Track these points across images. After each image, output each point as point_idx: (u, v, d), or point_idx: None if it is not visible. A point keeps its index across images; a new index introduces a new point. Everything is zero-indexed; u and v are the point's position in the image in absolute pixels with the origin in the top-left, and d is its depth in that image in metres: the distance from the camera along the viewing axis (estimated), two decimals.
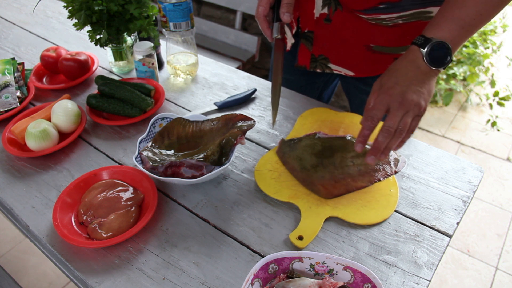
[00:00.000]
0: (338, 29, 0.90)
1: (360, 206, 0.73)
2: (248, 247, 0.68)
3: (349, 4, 0.84)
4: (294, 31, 0.97)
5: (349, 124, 0.89)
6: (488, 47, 2.84)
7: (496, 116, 2.50)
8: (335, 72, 1.00)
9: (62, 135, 0.89)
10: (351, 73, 0.98)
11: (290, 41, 0.99)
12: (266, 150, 0.86)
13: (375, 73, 0.95)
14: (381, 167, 0.79)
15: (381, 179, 0.77)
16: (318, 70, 1.01)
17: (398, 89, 0.69)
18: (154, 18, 1.02)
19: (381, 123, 0.71)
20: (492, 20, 3.23)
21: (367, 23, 0.86)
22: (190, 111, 0.97)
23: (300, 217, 0.72)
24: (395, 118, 0.68)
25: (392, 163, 0.80)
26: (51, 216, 0.73)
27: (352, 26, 0.88)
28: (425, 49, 0.69)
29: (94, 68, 1.07)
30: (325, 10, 0.88)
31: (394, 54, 0.91)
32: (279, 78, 0.82)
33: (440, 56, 0.69)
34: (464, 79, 2.69)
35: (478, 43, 2.76)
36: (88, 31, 0.98)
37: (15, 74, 1.02)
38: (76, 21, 0.96)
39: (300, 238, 0.68)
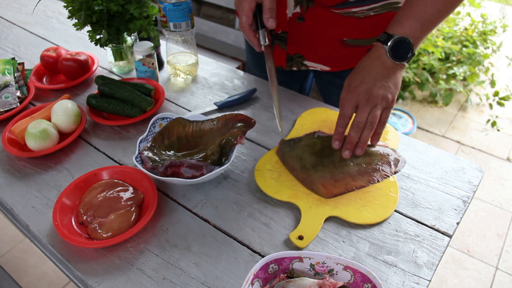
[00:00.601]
0: (311, 27, 0.91)
1: (360, 206, 0.73)
2: (248, 247, 0.68)
3: (321, 0, 0.86)
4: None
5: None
6: (488, 47, 2.84)
7: (496, 116, 2.50)
8: (311, 68, 1.02)
9: (62, 135, 0.89)
10: (327, 68, 1.00)
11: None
12: (266, 150, 0.86)
13: (349, 66, 0.97)
14: (381, 167, 0.79)
15: (380, 179, 0.77)
16: (294, 69, 1.03)
17: (364, 86, 0.75)
18: (154, 18, 1.02)
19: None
20: (492, 20, 3.21)
21: (339, 16, 0.88)
22: (190, 111, 0.97)
23: (300, 217, 0.72)
24: (364, 114, 0.76)
25: (392, 163, 0.80)
26: (51, 216, 0.73)
27: (325, 22, 0.89)
28: (388, 45, 0.74)
29: (94, 68, 1.07)
30: (297, 9, 0.89)
31: (367, 46, 0.94)
32: (275, 85, 0.82)
33: (402, 51, 0.75)
34: (464, 79, 2.69)
35: (478, 43, 2.76)
36: (88, 31, 0.98)
37: (15, 74, 1.02)
38: (76, 21, 0.96)
39: (300, 238, 0.68)
